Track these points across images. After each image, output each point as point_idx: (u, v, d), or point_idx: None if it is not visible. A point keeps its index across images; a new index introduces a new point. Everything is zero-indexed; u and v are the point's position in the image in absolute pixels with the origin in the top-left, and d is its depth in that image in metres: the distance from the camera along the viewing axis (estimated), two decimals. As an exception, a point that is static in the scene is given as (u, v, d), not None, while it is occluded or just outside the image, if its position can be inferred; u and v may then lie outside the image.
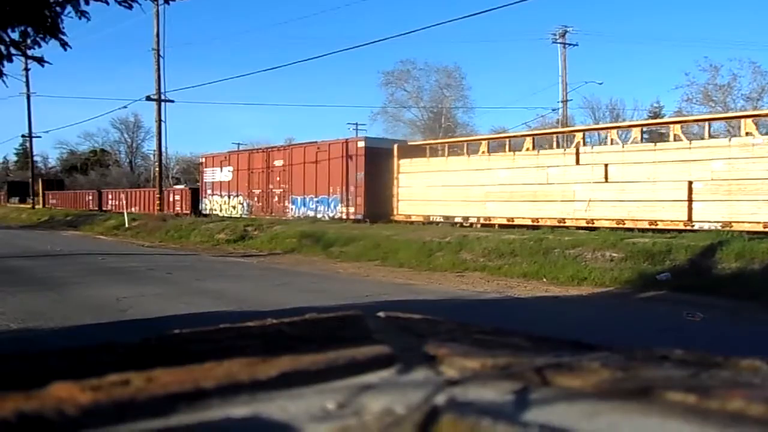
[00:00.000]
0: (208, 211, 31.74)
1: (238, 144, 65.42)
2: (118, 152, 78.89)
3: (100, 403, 0.61)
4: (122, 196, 39.22)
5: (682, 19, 77.65)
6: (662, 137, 20.13)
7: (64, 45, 6.11)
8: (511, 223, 18.57)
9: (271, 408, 0.64)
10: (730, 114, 24.23)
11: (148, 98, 31.59)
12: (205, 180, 32.65)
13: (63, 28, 5.98)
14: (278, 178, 27.45)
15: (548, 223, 17.65)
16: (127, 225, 30.18)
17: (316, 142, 26.25)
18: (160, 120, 31.45)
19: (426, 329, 1.01)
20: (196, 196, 33.96)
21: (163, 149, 34.91)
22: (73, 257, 17.94)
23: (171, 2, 7.06)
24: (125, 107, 41.38)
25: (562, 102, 37.51)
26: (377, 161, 22.71)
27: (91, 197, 47.72)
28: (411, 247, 16.65)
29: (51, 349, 0.92)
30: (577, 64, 78.41)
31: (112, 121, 73.68)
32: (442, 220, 20.76)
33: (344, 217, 23.72)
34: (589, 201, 17.02)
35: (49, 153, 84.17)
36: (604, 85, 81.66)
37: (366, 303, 9.29)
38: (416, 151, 22.92)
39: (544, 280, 12.84)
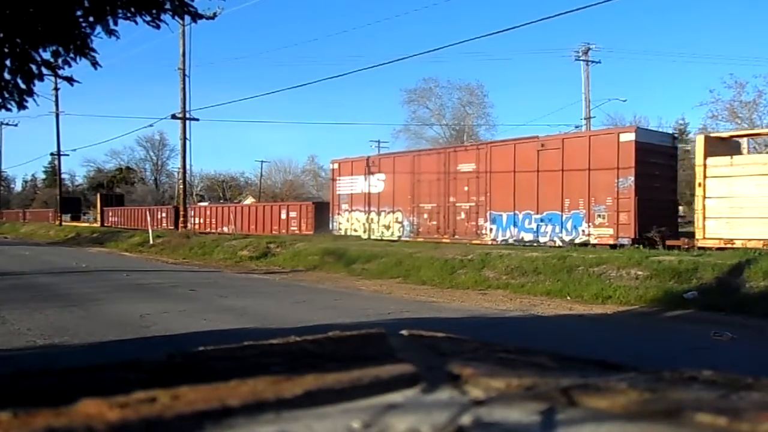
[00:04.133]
0: (342, 231, 25.43)
1: (262, 161, 66.09)
2: (144, 170, 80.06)
3: (128, 420, 0.62)
4: (208, 212, 36.27)
5: (707, 36, 77.16)
6: None
7: (94, 64, 6.22)
8: None
9: (296, 427, 0.64)
10: None
11: (174, 117, 31.99)
12: (337, 192, 26.06)
13: (93, 47, 6.10)
14: (466, 188, 20.78)
15: None
16: (151, 242, 30.48)
17: (537, 137, 19.96)
18: (184, 138, 31.83)
19: (450, 348, 1.01)
20: (322, 212, 27.91)
21: (188, 167, 33.93)
22: (98, 274, 18.14)
23: (197, 22, 7.14)
24: (151, 125, 42.19)
25: (585, 119, 37.32)
26: (650, 161, 16.95)
27: (164, 214, 41.92)
28: (433, 265, 16.60)
29: (77, 366, 0.93)
30: (600, 81, 78.28)
31: (138, 139, 75.00)
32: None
33: (594, 241, 17.16)
34: None
35: (76, 171, 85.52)
36: (628, 102, 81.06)
37: (388, 321, 9.26)
38: (728, 147, 16.23)
39: (568, 298, 12.71)
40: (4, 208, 77.76)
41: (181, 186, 35.23)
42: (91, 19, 5.89)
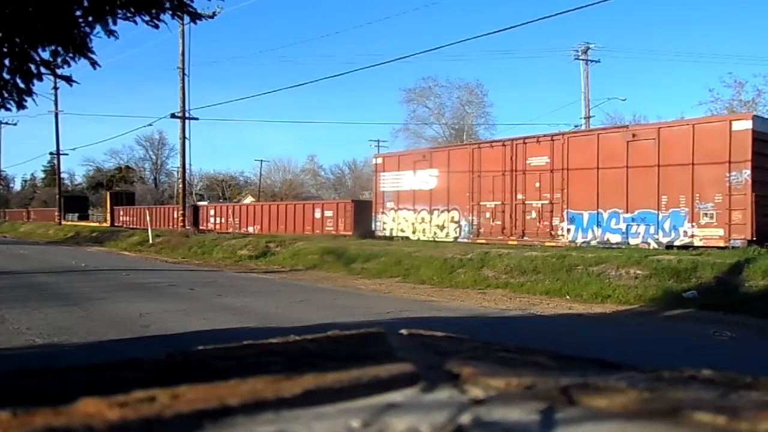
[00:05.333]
0: (387, 232, 23.44)
1: (261, 161, 66.07)
2: (143, 169, 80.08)
3: (127, 419, 0.62)
4: (230, 211, 33.55)
5: (706, 34, 77.19)
6: None
7: (93, 64, 6.22)
8: None
9: (296, 426, 0.64)
10: None
11: (173, 116, 31.99)
12: (381, 189, 23.96)
13: (92, 47, 6.09)
14: (538, 184, 18.70)
15: None
16: (150, 241, 30.49)
17: (626, 126, 18.81)
18: (184, 137, 31.82)
19: (449, 347, 1.01)
20: (362, 211, 25.64)
21: (187, 166, 33.79)
22: (97, 273, 18.14)
23: (197, 22, 7.13)
24: (150, 125, 41.97)
25: (585, 118, 37.32)
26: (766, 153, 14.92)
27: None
28: (432, 264, 16.61)
29: (77, 365, 0.93)
30: (599, 80, 78.31)
31: (137, 138, 75.04)
32: None
33: (699, 243, 15.21)
34: None
35: (75, 170, 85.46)
36: (627, 102, 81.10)
37: (388, 320, 9.27)
38: None
39: (567, 297, 12.72)
40: (3, 208, 77.69)
41: (181, 185, 35.20)
42: (90, 18, 5.89)
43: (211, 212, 36.04)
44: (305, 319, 9.18)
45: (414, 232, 22.35)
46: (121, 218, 44.84)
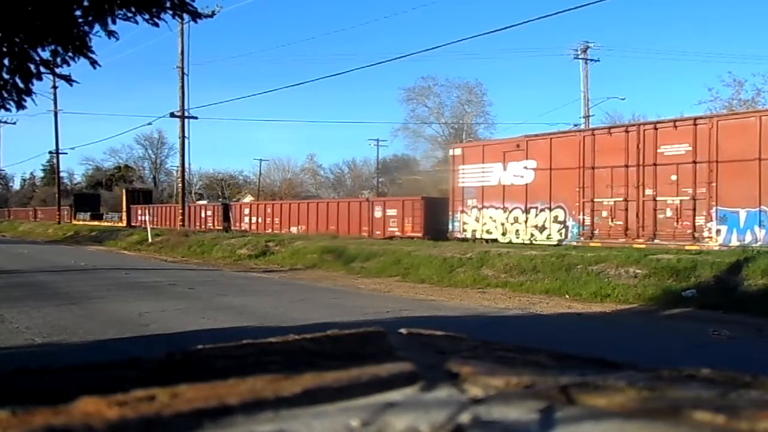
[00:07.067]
0: (468, 233, 20.51)
1: (260, 160, 66.07)
2: (142, 168, 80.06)
3: (126, 418, 0.62)
4: (269, 209, 31.15)
5: (705, 34, 77.18)
6: None
7: (93, 63, 6.21)
8: None
9: (295, 425, 0.64)
10: None
11: (173, 115, 31.97)
12: (460, 184, 20.96)
13: (92, 46, 6.09)
14: (674, 177, 15.73)
15: None
16: (150, 240, 30.48)
17: None
18: (183, 136, 31.79)
19: (448, 346, 1.01)
20: (435, 210, 22.82)
21: (187, 165, 33.39)
22: (97, 272, 18.13)
23: (197, 21, 7.12)
24: (150, 124, 41.96)
25: (584, 117, 37.32)
26: None
27: (209, 212, 35.91)
28: (432, 263, 16.61)
29: (76, 364, 0.93)
30: (599, 79, 78.32)
31: (136, 137, 74.93)
32: None
33: None
34: None
35: (75, 169, 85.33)
36: (627, 101, 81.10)
37: (387, 319, 9.27)
38: None
39: (567, 296, 12.72)
40: (2, 207, 77.58)
41: (180, 184, 35.18)
42: (90, 18, 5.88)
43: (246, 211, 33.14)
44: (304, 319, 9.18)
45: (504, 234, 19.44)
46: (138, 218, 40.71)
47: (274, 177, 66.51)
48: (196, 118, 32.42)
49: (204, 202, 46.14)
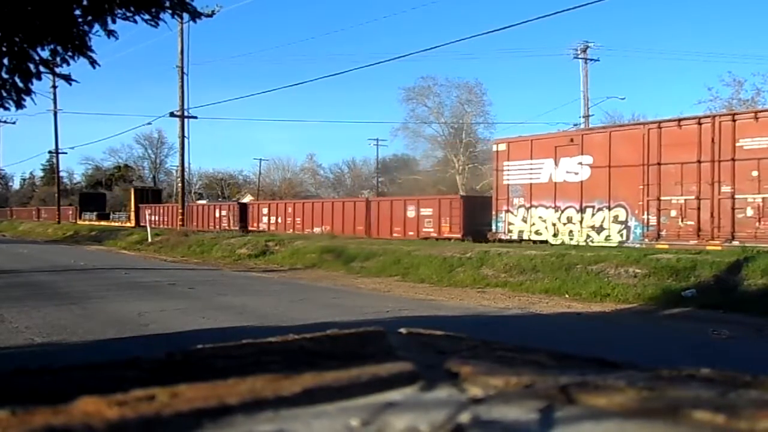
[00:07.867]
0: (514, 234, 19.39)
1: (260, 160, 66.07)
2: (142, 168, 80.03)
3: (126, 418, 0.62)
4: (290, 209, 29.80)
5: (705, 33, 77.20)
6: None
7: (93, 63, 6.21)
8: None
9: (295, 425, 0.64)
10: None
11: (172, 114, 31.97)
12: (505, 181, 19.78)
13: (91, 45, 6.08)
14: (755, 173, 14.52)
15: None
16: (150, 240, 30.47)
17: None
18: (183, 136, 31.78)
19: (448, 346, 1.01)
20: (474, 209, 21.65)
21: (186, 165, 33.19)
22: (97, 272, 18.12)
23: (197, 20, 7.12)
24: (149, 123, 41.89)
25: (583, 117, 37.33)
26: None
27: (224, 212, 34.42)
28: (432, 263, 16.60)
29: (76, 364, 0.93)
30: (598, 79, 78.28)
31: (136, 137, 74.93)
32: None
33: None
34: None
35: (74, 169, 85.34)
36: (627, 101, 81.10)
37: (387, 319, 9.27)
38: None
39: (567, 296, 12.72)
40: (2, 207, 77.52)
41: (180, 184, 35.16)
42: (89, 18, 5.88)
43: (264, 210, 31.87)
44: (304, 318, 9.18)
45: (555, 235, 18.27)
46: (147, 217, 37.20)
47: (273, 177, 66.61)
48: (195, 117, 32.44)
49: (203, 201, 46.05)
